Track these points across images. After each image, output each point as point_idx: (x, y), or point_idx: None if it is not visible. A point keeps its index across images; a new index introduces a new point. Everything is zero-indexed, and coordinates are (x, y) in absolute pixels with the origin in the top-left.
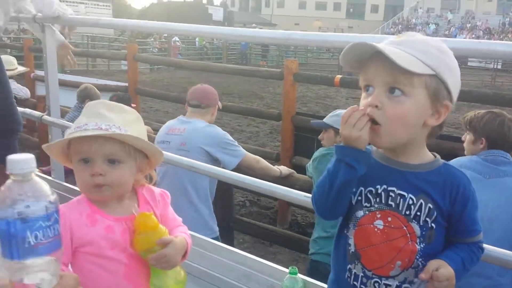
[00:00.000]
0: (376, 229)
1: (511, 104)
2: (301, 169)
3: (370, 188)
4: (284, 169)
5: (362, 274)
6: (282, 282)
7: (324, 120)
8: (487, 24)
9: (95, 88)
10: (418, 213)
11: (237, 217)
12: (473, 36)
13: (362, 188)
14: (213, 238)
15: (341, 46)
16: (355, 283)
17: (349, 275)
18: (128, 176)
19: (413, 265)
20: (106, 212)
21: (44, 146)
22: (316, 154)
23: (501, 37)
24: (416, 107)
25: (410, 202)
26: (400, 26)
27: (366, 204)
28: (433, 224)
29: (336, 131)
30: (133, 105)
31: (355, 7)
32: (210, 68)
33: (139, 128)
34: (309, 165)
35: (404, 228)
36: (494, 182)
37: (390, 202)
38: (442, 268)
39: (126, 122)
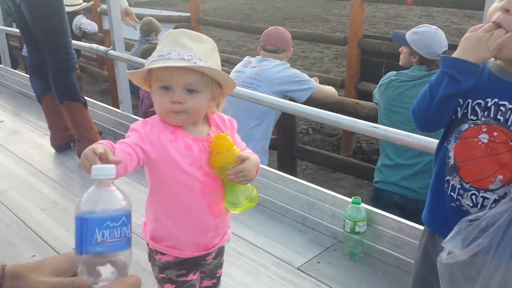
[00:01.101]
0: (480, 143)
1: None
2: (368, 96)
3: (479, 101)
4: None
5: (459, 186)
6: (345, 211)
7: (406, 35)
8: None
9: (157, 22)
10: None
11: (299, 145)
12: None
13: (470, 100)
14: None
15: None
16: (452, 194)
17: (447, 185)
18: (204, 104)
19: None
20: (186, 131)
21: (128, 72)
22: (383, 79)
23: None
24: None
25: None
26: None
27: (472, 117)
28: None
29: (412, 51)
30: None
31: None
32: None
33: (216, 58)
34: (376, 91)
35: (510, 143)
36: None
37: (499, 117)
38: None
39: (205, 52)
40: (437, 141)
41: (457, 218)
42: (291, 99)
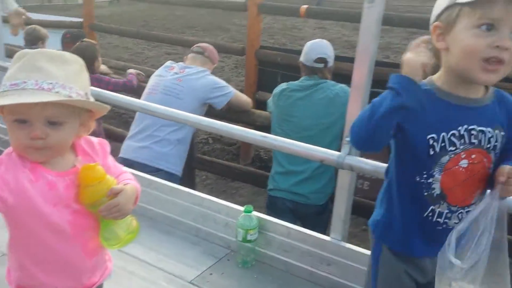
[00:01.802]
0: (461, 169)
1: None
2: (265, 105)
3: (453, 132)
4: None
5: (447, 211)
6: (237, 220)
7: None
8: None
9: (43, 29)
10: (496, 143)
11: (198, 155)
12: None
13: (444, 134)
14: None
15: None
16: (438, 220)
17: (431, 214)
18: (70, 135)
19: (487, 187)
20: (47, 167)
21: None
22: (276, 89)
23: None
24: None
25: (490, 135)
26: None
27: (451, 148)
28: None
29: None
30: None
31: None
32: (168, 0)
33: (83, 80)
34: (269, 101)
35: (485, 160)
36: None
37: (473, 141)
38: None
39: (70, 76)
40: (318, 148)
41: (443, 236)
42: (210, 106)
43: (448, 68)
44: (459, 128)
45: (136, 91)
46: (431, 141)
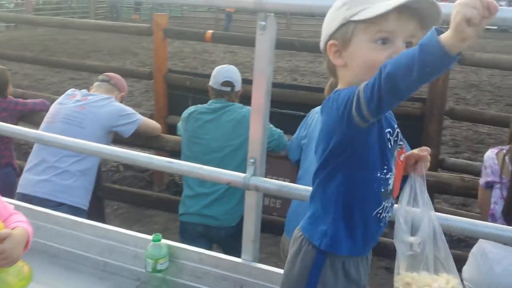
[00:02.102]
0: (401, 162)
1: None
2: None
3: (396, 125)
4: None
5: (389, 205)
6: (146, 250)
7: None
8: None
9: None
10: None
11: (106, 185)
12: None
13: (396, 127)
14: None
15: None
16: (384, 215)
17: (380, 211)
18: None
19: None
20: None
21: None
22: (184, 114)
23: None
24: None
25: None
26: None
27: (400, 142)
28: None
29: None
30: None
31: None
32: (67, 24)
33: None
34: (179, 124)
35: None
36: None
37: (400, 136)
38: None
39: None
40: (223, 170)
41: (379, 232)
42: (116, 134)
43: (348, 83)
44: (395, 124)
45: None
46: (388, 135)
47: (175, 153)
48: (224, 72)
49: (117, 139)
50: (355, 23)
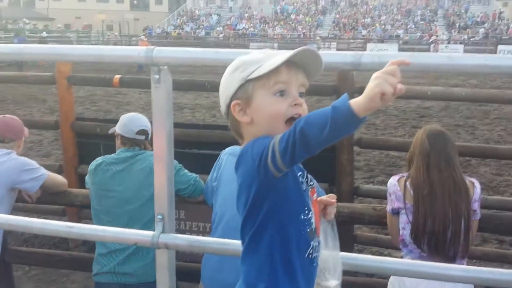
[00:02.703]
0: (315, 201)
1: None
2: None
3: (303, 168)
4: None
5: (317, 244)
6: None
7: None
8: (262, 13)
9: None
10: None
11: (13, 248)
12: (251, 24)
13: (305, 170)
14: None
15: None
16: (315, 255)
17: (310, 252)
18: None
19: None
20: None
21: None
22: (91, 166)
23: (275, 24)
24: None
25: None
26: (185, 17)
27: (310, 182)
28: None
29: (117, 133)
30: None
31: None
32: None
33: None
34: (87, 177)
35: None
36: None
37: (309, 176)
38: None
39: None
40: (129, 230)
41: (315, 272)
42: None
43: (254, 137)
44: (302, 168)
45: None
46: (300, 178)
47: (86, 208)
48: (137, 120)
49: (21, 197)
50: (253, 81)
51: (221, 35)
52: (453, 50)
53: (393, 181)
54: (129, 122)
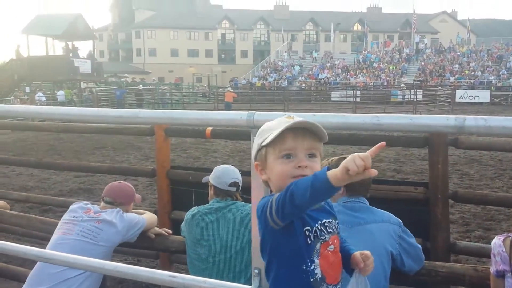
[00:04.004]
0: (330, 252)
1: (366, 143)
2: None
3: (319, 222)
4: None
5: None
6: None
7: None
8: (344, 63)
9: None
10: (336, 228)
11: None
12: (333, 73)
13: (315, 225)
14: None
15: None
16: None
17: None
18: None
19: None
20: None
21: None
22: (187, 216)
23: (357, 72)
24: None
25: (333, 224)
26: (268, 68)
27: (321, 237)
28: None
29: (210, 184)
30: None
31: (225, 52)
32: (71, 129)
33: None
34: (182, 225)
35: (336, 242)
36: (356, 230)
37: (329, 230)
38: (360, 253)
39: None
40: (228, 283)
41: None
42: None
43: (275, 191)
44: (319, 221)
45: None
46: (307, 232)
47: (180, 253)
48: (230, 173)
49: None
50: (265, 147)
51: (303, 85)
52: None
53: (498, 241)
54: (223, 174)
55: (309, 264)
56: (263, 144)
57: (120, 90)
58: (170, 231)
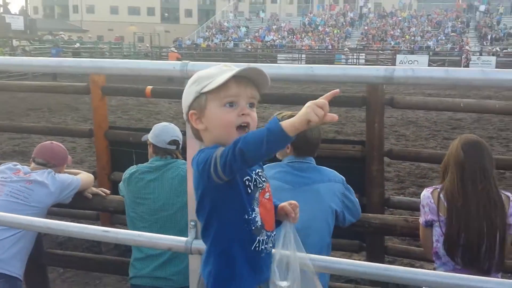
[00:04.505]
0: (267, 200)
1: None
2: None
3: (254, 172)
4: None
5: (265, 237)
6: None
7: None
8: (290, 25)
9: None
10: (266, 178)
11: (48, 251)
12: (279, 36)
13: (253, 175)
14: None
15: (119, 73)
16: (262, 247)
17: (257, 245)
18: None
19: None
20: None
21: None
22: (125, 174)
23: (303, 36)
24: None
25: (263, 173)
26: (214, 29)
27: (259, 185)
28: None
29: (149, 142)
30: None
31: (169, 11)
32: (5, 87)
33: None
34: (121, 185)
35: (269, 190)
36: (303, 190)
37: (263, 178)
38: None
39: None
40: (163, 236)
41: (266, 261)
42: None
43: (211, 142)
44: (253, 171)
45: None
46: (247, 182)
47: (119, 213)
48: (170, 131)
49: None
50: (205, 94)
51: (249, 47)
52: (485, 62)
53: (426, 193)
54: (162, 132)
55: (250, 212)
56: (204, 90)
57: (56, 49)
58: (108, 191)
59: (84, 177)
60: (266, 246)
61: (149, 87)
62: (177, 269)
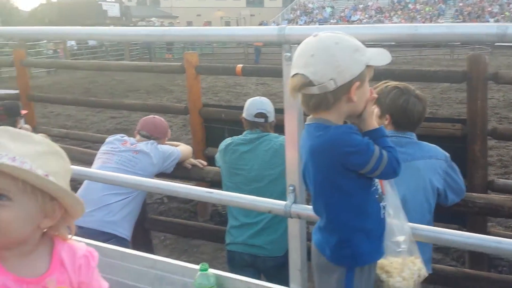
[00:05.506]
0: None
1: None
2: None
3: None
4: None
5: (385, 203)
6: (194, 279)
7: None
8: (378, 4)
9: None
10: None
11: (152, 217)
12: (366, 15)
13: None
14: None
15: (219, 40)
16: (384, 213)
17: (383, 211)
18: (20, 219)
19: None
20: (4, 265)
21: None
22: (221, 146)
23: (391, 14)
24: None
25: None
26: (298, 11)
27: None
28: None
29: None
30: (23, 112)
31: None
32: (104, 67)
33: (50, 164)
34: (217, 156)
35: None
36: (402, 166)
37: None
38: None
39: (29, 153)
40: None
41: (384, 228)
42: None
43: (343, 114)
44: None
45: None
46: None
47: (215, 184)
48: (257, 104)
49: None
50: (367, 67)
51: None
52: None
53: None
54: (250, 105)
55: (370, 187)
56: (372, 63)
57: None
58: (205, 163)
59: (183, 148)
60: (384, 211)
61: (239, 65)
62: (270, 238)
